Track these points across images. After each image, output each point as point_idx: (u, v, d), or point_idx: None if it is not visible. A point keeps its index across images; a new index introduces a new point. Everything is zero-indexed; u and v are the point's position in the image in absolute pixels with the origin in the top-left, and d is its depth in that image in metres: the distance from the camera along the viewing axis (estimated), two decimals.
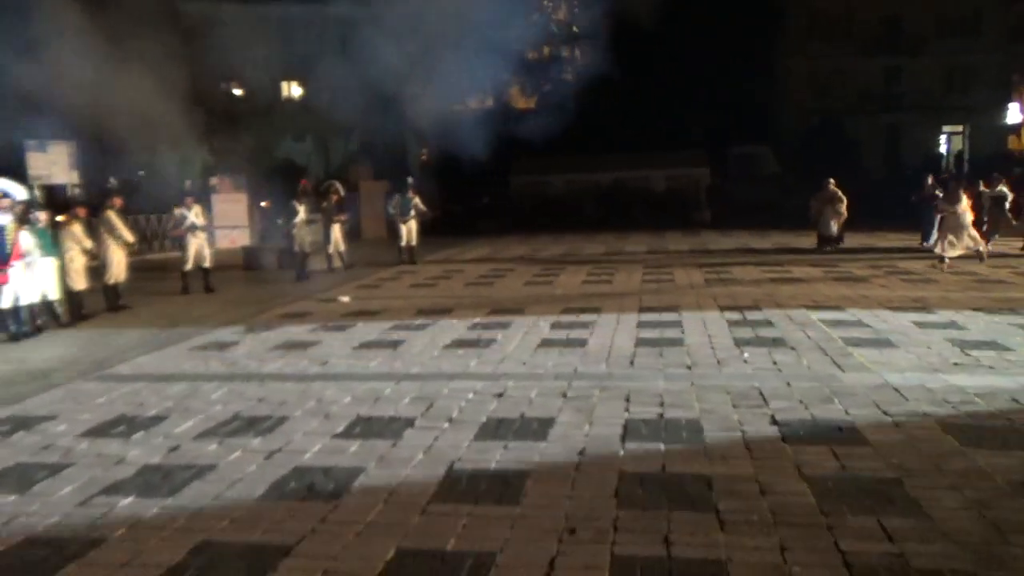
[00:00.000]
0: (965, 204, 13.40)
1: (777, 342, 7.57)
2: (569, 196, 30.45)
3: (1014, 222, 15.28)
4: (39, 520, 3.97)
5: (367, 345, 8.05)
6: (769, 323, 8.53)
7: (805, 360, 6.82)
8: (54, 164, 16.89)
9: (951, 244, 13.15)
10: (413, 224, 16.52)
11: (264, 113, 35.38)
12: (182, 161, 33.55)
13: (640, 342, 7.79)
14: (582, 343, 7.82)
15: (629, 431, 5.02)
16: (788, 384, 6.04)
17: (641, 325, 8.65)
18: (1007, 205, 15.25)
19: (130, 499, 4.19)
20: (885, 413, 5.24)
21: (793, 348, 7.29)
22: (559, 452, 4.68)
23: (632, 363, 6.96)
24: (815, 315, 8.87)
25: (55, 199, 15.23)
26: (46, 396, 6.42)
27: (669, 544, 3.48)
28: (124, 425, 5.52)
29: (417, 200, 16.77)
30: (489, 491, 4.11)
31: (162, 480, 4.43)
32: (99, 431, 5.41)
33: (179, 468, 4.61)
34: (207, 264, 12.95)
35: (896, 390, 5.77)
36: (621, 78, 34.18)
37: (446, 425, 5.26)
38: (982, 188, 15.51)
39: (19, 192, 9.27)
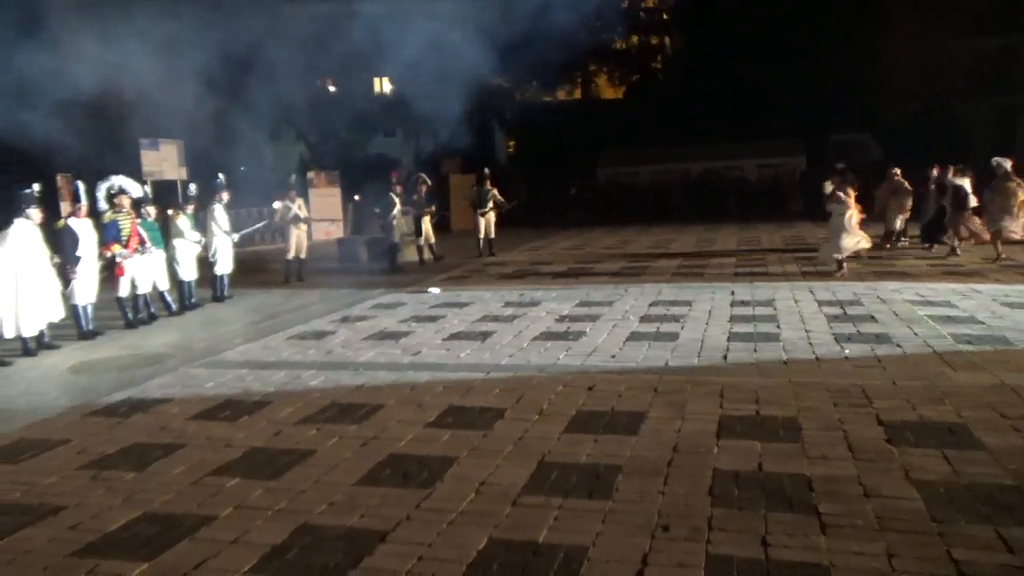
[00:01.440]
0: (850, 203, 11.38)
1: (881, 338, 7.23)
2: (657, 187, 29.96)
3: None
4: (155, 497, 4.22)
5: (457, 336, 8.17)
6: (872, 318, 8.15)
7: (911, 358, 6.48)
8: (164, 161, 17.87)
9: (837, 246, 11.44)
10: (492, 216, 16.62)
11: (356, 108, 36.38)
12: (280, 156, 34.93)
13: (733, 336, 7.59)
14: (673, 337, 7.68)
15: (723, 428, 4.91)
16: (894, 383, 5.76)
17: (734, 319, 8.43)
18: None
19: (236, 480, 4.40)
20: (1002, 416, 4.92)
21: (898, 345, 6.95)
22: (651, 447, 4.62)
23: (725, 358, 6.79)
24: (922, 311, 8.42)
25: (165, 194, 16.11)
26: (160, 380, 6.81)
27: (767, 545, 3.38)
28: (230, 410, 5.80)
29: (495, 192, 16.85)
30: (580, 484, 4.11)
31: (266, 463, 4.63)
32: (208, 414, 5.70)
33: (281, 452, 4.81)
34: (303, 255, 13.47)
35: (1015, 391, 5.41)
36: (712, 66, 33.36)
37: (536, 417, 5.28)
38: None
39: (135, 189, 9.81)
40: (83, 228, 8.88)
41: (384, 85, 39.93)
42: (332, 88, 39.17)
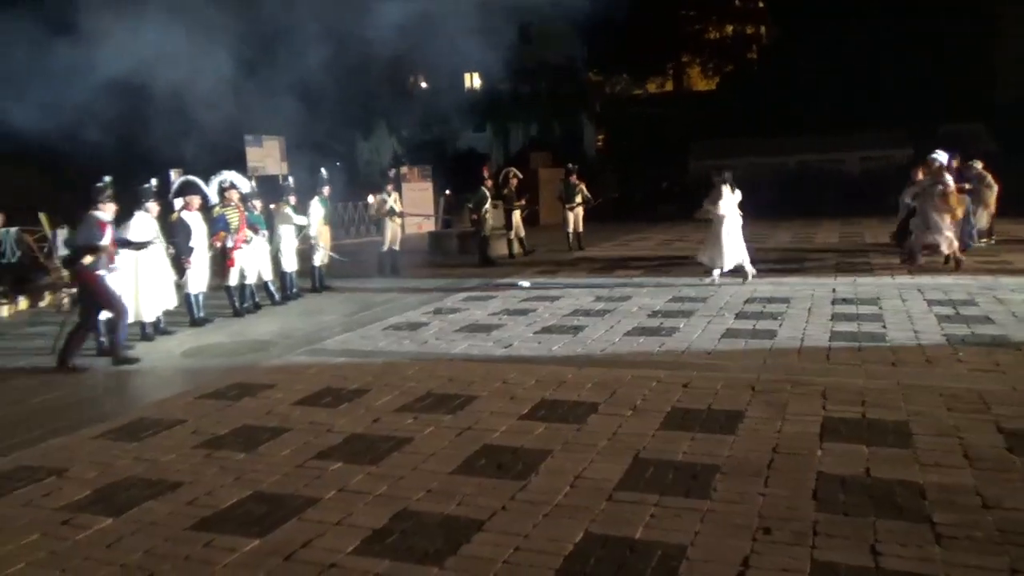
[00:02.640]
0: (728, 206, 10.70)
1: (998, 340, 6.80)
2: (751, 180, 29.05)
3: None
4: (264, 477, 4.42)
5: (548, 330, 8.18)
6: (988, 319, 7.67)
7: None
8: (267, 156, 18.65)
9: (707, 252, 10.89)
10: (580, 211, 16.53)
11: (448, 104, 36.90)
12: (374, 151, 35.83)
13: (835, 336, 7.30)
14: (771, 335, 7.46)
15: (827, 430, 4.73)
16: (1014, 388, 5.41)
17: (836, 318, 8.10)
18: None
19: (339, 464, 4.55)
20: None
21: (1018, 348, 6.52)
22: (749, 447, 4.51)
23: (828, 358, 6.54)
24: None
25: (268, 188, 16.79)
26: (265, 366, 7.13)
27: (876, 554, 3.24)
28: (331, 396, 6.01)
29: (583, 186, 16.75)
30: (677, 482, 4.05)
31: (366, 449, 4.78)
32: (310, 400, 5.92)
33: (380, 439, 4.95)
34: (397, 247, 13.81)
35: None
36: (811, 54, 32.07)
37: (629, 413, 5.23)
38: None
39: (244, 184, 10.24)
40: (194, 221, 9.37)
41: (474, 80, 40.43)
42: (424, 84, 39.96)
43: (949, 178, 10.92)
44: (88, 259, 7.24)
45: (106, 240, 7.35)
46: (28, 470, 4.73)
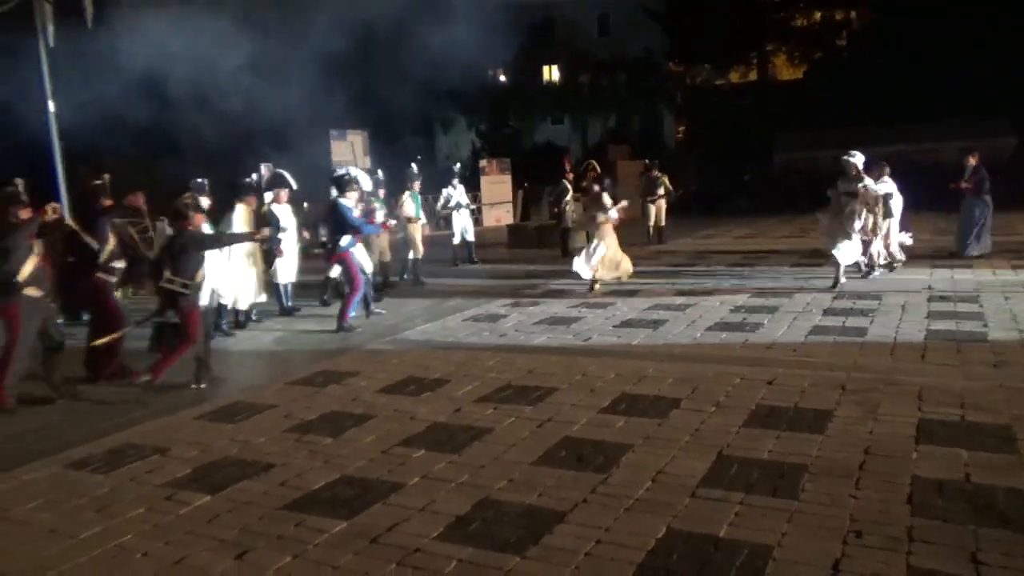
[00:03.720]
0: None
1: None
2: (839, 172, 27.95)
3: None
4: (350, 462, 4.56)
5: (628, 323, 8.12)
6: None
7: None
8: (350, 151, 19.11)
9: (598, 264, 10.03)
10: (661, 204, 16.27)
11: (526, 97, 36.95)
12: (453, 145, 36.24)
13: (931, 334, 6.98)
14: (861, 332, 7.19)
15: (922, 432, 4.54)
16: None
17: (932, 315, 7.74)
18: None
19: (422, 452, 4.65)
20: None
21: None
22: (839, 448, 4.36)
23: (923, 357, 6.26)
24: None
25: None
26: (350, 355, 7.33)
27: (978, 563, 3.10)
28: (413, 385, 6.14)
29: (665, 179, 16.47)
30: (763, 481, 3.96)
31: (448, 438, 4.86)
32: (393, 389, 6.07)
33: (461, 428, 5.03)
34: (470, 238, 13.95)
35: None
36: (904, 39, 30.57)
37: (712, 409, 5.14)
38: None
39: (366, 181, 10.23)
40: (283, 213, 9.70)
41: (553, 73, 40.32)
42: (502, 77, 40.13)
43: (869, 181, 9.85)
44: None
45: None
46: (134, 448, 5.02)
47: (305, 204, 14.79)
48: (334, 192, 9.47)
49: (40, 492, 4.37)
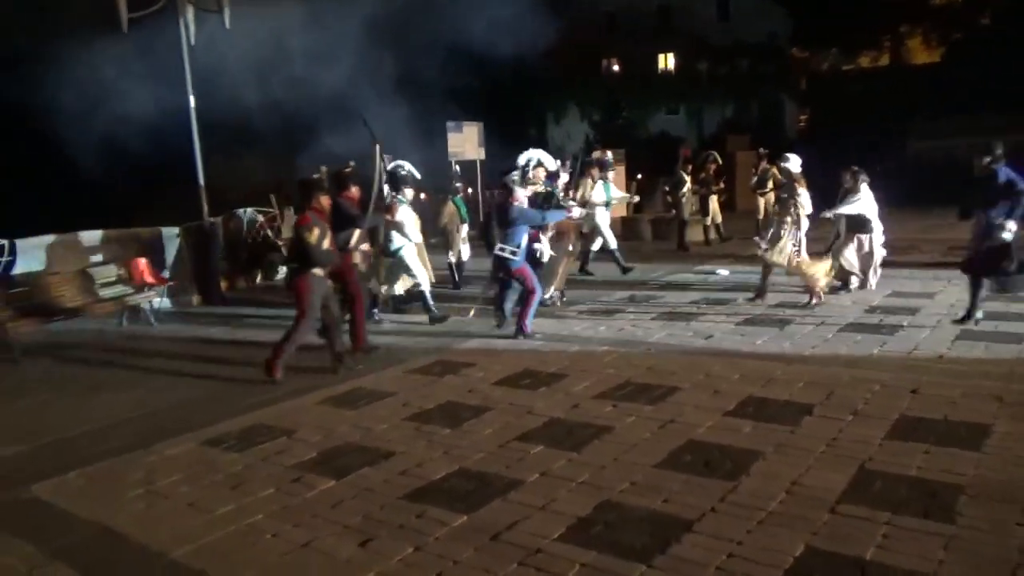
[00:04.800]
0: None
1: None
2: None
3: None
4: (468, 454, 4.54)
5: (751, 321, 7.76)
6: None
7: None
8: (467, 142, 19.30)
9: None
10: (771, 197, 15.45)
11: (640, 86, 36.25)
12: (565, 136, 36.07)
13: None
14: (1018, 338, 6.55)
15: None
16: None
17: None
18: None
19: (540, 448, 4.58)
20: None
21: None
22: (1000, 467, 3.96)
23: None
24: None
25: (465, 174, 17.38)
26: (467, 346, 7.35)
27: None
28: (529, 379, 6.08)
29: (775, 171, 15.61)
30: (911, 500, 3.63)
31: (566, 435, 4.77)
32: (509, 381, 6.03)
33: (580, 425, 4.92)
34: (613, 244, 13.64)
35: None
36: None
37: (850, 418, 4.79)
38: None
39: (550, 162, 9.33)
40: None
41: (669, 61, 39.34)
42: (616, 67, 39.54)
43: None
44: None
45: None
46: (265, 428, 5.22)
47: (422, 195, 15.03)
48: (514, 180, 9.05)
49: (180, 467, 4.61)
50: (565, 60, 37.54)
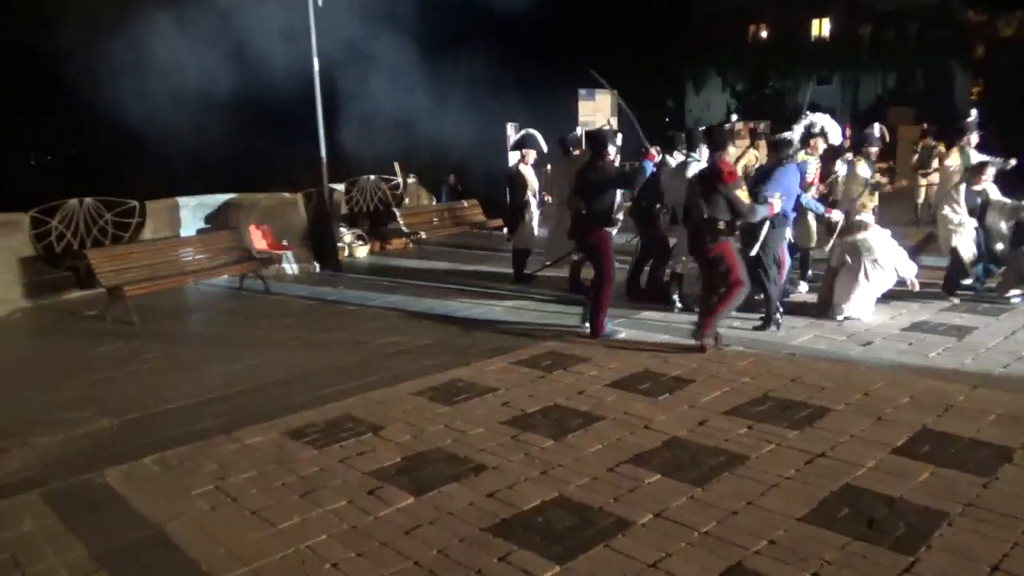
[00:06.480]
0: None
1: None
2: None
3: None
4: (571, 476, 3.86)
5: (920, 327, 6.54)
6: None
7: None
8: (598, 111, 18.37)
9: None
10: (934, 178, 13.47)
11: (790, 53, 33.67)
12: (704, 106, 34.20)
13: None
14: None
15: None
16: None
17: None
18: None
19: (656, 477, 3.82)
20: None
21: None
22: None
23: None
24: None
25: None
26: (585, 336, 6.63)
27: None
28: (649, 382, 5.30)
29: (942, 148, 13.58)
30: None
31: (690, 461, 3.98)
32: (626, 384, 5.27)
33: (707, 450, 4.11)
34: None
35: None
36: None
37: None
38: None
39: (835, 134, 7.83)
40: (530, 174, 9.33)
41: (823, 27, 36.24)
42: (764, 33, 36.91)
43: None
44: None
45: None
46: (351, 421, 4.77)
47: (548, 167, 14.33)
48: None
49: (256, 461, 4.22)
50: (710, 25, 35.50)
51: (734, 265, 5.98)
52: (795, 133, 7.46)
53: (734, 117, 28.19)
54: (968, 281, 7.74)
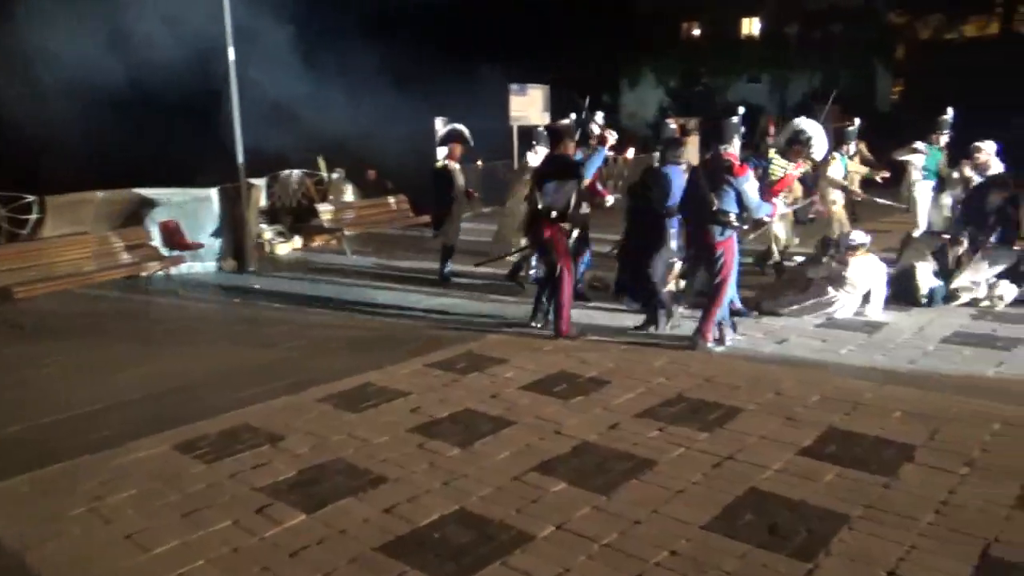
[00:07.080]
0: None
1: None
2: None
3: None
4: (474, 487, 3.70)
5: (834, 324, 6.62)
6: None
7: None
8: (531, 106, 18.23)
9: None
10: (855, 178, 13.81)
11: (722, 51, 34.28)
12: (639, 103, 34.49)
13: None
14: None
15: None
16: None
17: None
18: None
19: (562, 486, 3.69)
20: None
21: None
22: None
23: None
24: None
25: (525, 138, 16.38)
26: (504, 337, 6.46)
27: None
28: (565, 384, 5.18)
29: (863, 147, 13.95)
30: None
31: (597, 468, 3.87)
32: (541, 386, 5.14)
33: (616, 455, 4.01)
34: None
35: None
36: None
37: (965, 470, 3.74)
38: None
39: (820, 149, 7.21)
40: (456, 170, 9.09)
41: (753, 26, 37.00)
42: (696, 31, 37.47)
43: None
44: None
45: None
46: (249, 431, 4.51)
47: (479, 163, 14.13)
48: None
49: (139, 478, 3.93)
50: (648, 22, 35.77)
51: (728, 261, 5.91)
52: (781, 136, 7.28)
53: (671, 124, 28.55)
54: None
